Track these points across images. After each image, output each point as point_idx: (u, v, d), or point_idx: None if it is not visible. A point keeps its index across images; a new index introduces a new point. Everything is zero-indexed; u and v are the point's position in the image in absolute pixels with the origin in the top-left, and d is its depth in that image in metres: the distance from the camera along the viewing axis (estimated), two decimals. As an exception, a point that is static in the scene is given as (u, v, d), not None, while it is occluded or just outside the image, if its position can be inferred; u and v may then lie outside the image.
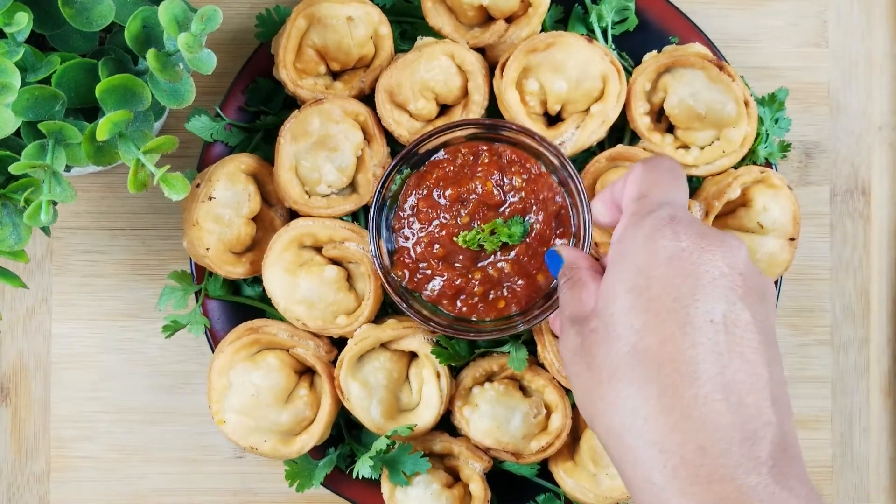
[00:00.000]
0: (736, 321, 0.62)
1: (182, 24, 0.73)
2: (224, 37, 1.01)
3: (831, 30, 1.05)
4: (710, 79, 0.95)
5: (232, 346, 0.94)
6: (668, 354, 0.61)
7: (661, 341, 0.62)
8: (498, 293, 0.91)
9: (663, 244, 0.65)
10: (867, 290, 1.04)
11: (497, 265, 0.90)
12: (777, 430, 0.61)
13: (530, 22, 0.96)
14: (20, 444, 1.02)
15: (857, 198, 1.04)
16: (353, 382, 0.93)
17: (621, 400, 0.63)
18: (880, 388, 1.04)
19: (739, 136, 0.95)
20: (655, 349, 0.62)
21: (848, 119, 1.04)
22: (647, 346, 0.62)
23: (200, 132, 0.97)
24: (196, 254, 0.94)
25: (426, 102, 0.96)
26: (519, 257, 0.90)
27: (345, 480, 0.98)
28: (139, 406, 1.02)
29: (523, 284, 0.90)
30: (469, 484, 0.95)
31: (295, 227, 0.94)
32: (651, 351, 0.62)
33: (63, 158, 0.77)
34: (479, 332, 0.90)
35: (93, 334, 1.03)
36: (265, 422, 0.93)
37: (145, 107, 0.77)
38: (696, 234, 0.65)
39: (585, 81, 0.94)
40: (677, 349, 0.61)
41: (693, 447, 0.59)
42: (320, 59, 0.96)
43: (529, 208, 0.91)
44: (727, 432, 0.59)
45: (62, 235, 1.02)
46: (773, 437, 0.60)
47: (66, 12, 0.75)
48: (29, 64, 0.77)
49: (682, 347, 0.61)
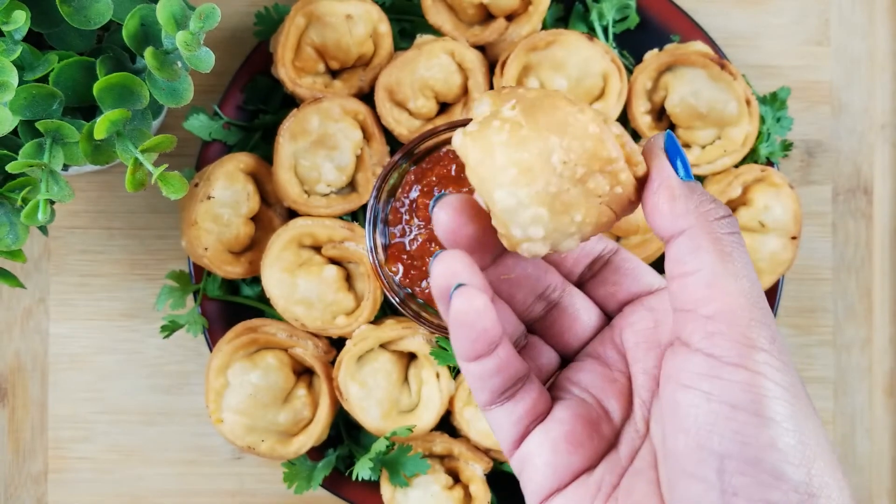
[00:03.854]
0: None
1: (180, 22, 0.73)
2: (222, 35, 1.01)
3: (833, 28, 1.04)
4: (711, 77, 0.95)
5: (230, 345, 0.93)
6: None
7: None
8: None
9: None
10: (869, 290, 1.04)
11: None
12: None
13: (531, 20, 0.96)
14: (17, 445, 1.01)
15: (860, 197, 1.03)
16: (352, 383, 0.93)
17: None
18: (882, 389, 1.03)
19: (741, 134, 0.95)
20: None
21: (850, 118, 1.04)
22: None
23: (199, 131, 0.97)
24: (194, 253, 0.94)
25: (426, 101, 0.96)
26: None
27: (344, 482, 0.97)
28: (137, 407, 1.02)
29: None
30: (469, 485, 0.94)
31: (294, 227, 0.94)
32: None
33: (60, 157, 0.76)
34: None
35: (90, 334, 1.02)
36: (263, 422, 0.93)
37: (143, 105, 0.77)
38: None
39: (586, 80, 0.94)
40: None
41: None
42: (319, 58, 0.96)
43: None
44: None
45: (60, 235, 1.02)
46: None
47: (63, 10, 0.74)
48: (26, 62, 0.76)
49: None
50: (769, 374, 0.49)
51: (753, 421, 0.49)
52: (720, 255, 0.52)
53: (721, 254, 0.51)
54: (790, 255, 0.95)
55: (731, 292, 0.51)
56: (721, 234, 0.52)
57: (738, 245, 0.52)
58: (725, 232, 0.52)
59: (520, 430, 0.58)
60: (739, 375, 0.49)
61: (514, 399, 0.58)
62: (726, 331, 0.50)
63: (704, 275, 0.52)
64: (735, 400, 0.49)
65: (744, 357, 0.50)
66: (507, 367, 0.57)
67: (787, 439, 0.49)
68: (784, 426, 0.49)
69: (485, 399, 0.58)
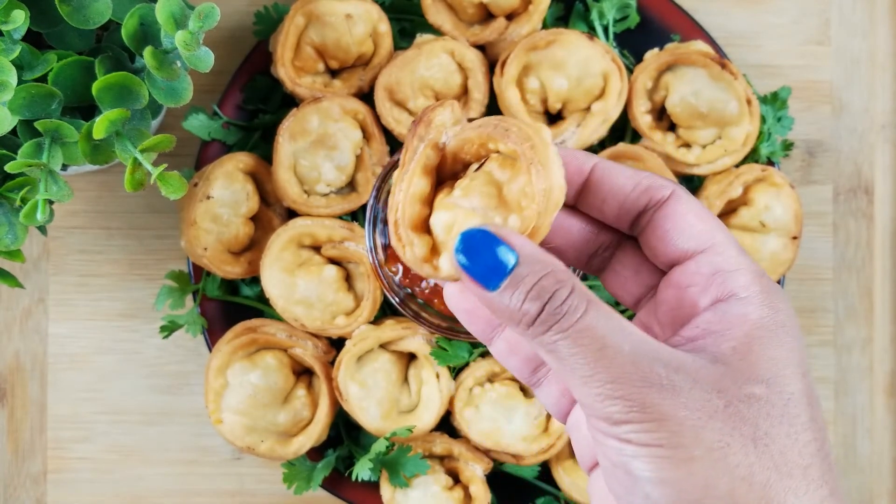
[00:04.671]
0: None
1: (179, 22, 0.73)
2: (222, 34, 1.01)
3: (834, 28, 1.04)
4: (712, 77, 0.94)
5: (230, 346, 0.93)
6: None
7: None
8: None
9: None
10: (870, 290, 1.03)
11: None
12: None
13: (531, 19, 0.95)
14: (17, 445, 1.01)
15: (860, 197, 1.03)
16: (351, 383, 0.93)
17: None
18: (883, 389, 1.03)
19: (741, 134, 0.95)
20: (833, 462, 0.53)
21: (850, 118, 1.04)
22: (828, 451, 0.53)
23: (198, 131, 0.97)
24: (194, 253, 0.94)
25: (426, 100, 0.95)
26: None
27: (344, 482, 0.97)
28: (136, 407, 1.02)
29: None
30: (469, 486, 0.94)
31: (293, 227, 0.94)
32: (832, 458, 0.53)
33: (59, 157, 0.76)
34: (471, 334, 0.90)
35: (90, 335, 1.02)
36: (263, 422, 0.93)
37: (142, 105, 0.77)
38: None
39: (586, 79, 0.94)
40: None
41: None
42: (319, 57, 0.96)
43: None
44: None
45: (59, 235, 1.02)
46: None
47: (62, 10, 0.74)
48: (25, 62, 0.76)
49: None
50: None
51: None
52: (555, 363, 0.51)
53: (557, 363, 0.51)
54: (791, 255, 0.95)
55: (582, 396, 0.51)
56: (545, 344, 0.51)
57: (566, 346, 0.50)
58: (549, 342, 0.50)
59: (562, 405, 0.60)
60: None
61: (546, 382, 0.61)
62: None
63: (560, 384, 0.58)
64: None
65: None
66: (519, 347, 0.60)
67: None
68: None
69: (519, 377, 0.62)
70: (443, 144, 0.55)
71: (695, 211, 0.56)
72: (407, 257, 0.54)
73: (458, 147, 0.55)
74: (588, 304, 0.50)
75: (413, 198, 0.54)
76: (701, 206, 0.57)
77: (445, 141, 0.55)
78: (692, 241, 0.56)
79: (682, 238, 0.56)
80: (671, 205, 0.57)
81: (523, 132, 0.53)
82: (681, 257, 0.56)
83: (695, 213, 0.56)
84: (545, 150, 0.52)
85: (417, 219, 0.54)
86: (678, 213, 0.56)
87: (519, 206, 0.52)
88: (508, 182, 0.53)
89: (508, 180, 0.53)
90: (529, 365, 0.61)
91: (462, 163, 0.56)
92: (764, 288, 0.54)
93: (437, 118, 0.55)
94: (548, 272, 0.50)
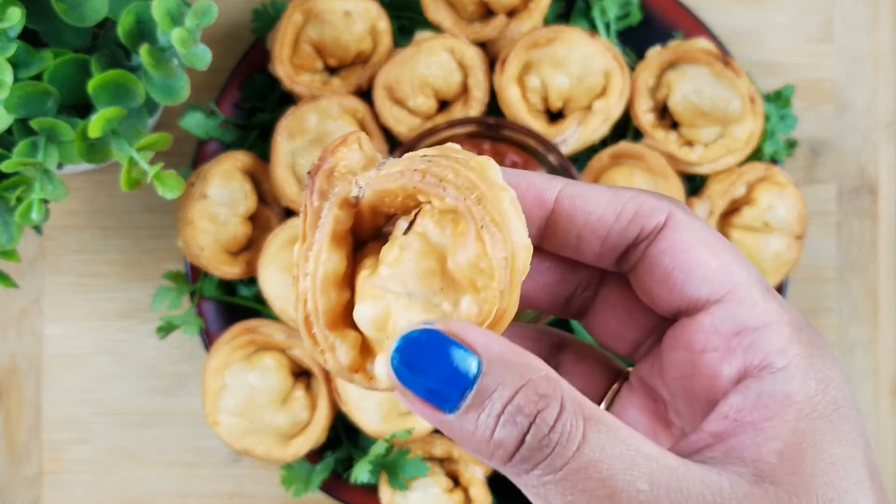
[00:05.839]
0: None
1: (176, 19, 0.73)
2: (219, 31, 1.00)
3: (837, 26, 1.04)
4: (715, 75, 0.94)
5: (228, 346, 0.93)
6: None
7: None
8: None
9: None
10: (874, 291, 1.03)
11: None
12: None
13: (532, 16, 0.95)
14: (12, 447, 1.01)
15: (864, 196, 1.03)
16: (350, 385, 0.92)
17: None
18: (888, 390, 1.03)
19: (744, 133, 0.95)
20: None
21: (854, 116, 1.03)
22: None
23: (195, 129, 0.96)
24: (191, 253, 0.93)
25: (425, 99, 0.95)
26: None
27: (342, 484, 0.97)
28: (133, 408, 1.01)
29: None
30: (470, 488, 0.94)
31: (291, 227, 0.93)
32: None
33: (55, 156, 0.76)
34: None
35: (86, 335, 1.02)
36: (260, 424, 0.92)
37: (139, 103, 0.77)
38: None
39: (588, 77, 0.94)
40: None
41: None
42: (317, 55, 0.96)
43: None
44: None
45: (54, 234, 1.01)
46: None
47: (58, 7, 0.74)
48: (21, 60, 0.76)
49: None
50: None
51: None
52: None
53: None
54: (795, 254, 0.95)
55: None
56: (530, 488, 0.40)
57: (558, 492, 0.39)
58: (535, 484, 0.40)
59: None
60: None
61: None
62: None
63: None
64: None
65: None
66: None
67: None
68: None
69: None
70: (355, 199, 0.41)
71: (702, 240, 0.43)
72: (329, 366, 0.41)
73: (375, 200, 0.41)
74: (586, 426, 0.37)
75: (325, 282, 0.41)
76: (708, 229, 0.44)
77: (358, 194, 0.41)
78: (704, 285, 0.43)
79: (691, 282, 0.43)
80: (670, 235, 0.43)
81: (464, 179, 0.39)
82: (689, 306, 0.44)
83: (703, 244, 0.43)
84: (497, 199, 0.39)
85: (335, 310, 0.41)
86: (680, 246, 0.43)
87: (473, 285, 0.39)
88: (452, 248, 0.40)
89: (452, 246, 0.40)
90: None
91: (384, 215, 0.43)
92: (806, 350, 0.42)
93: (341, 163, 0.42)
94: (525, 383, 0.37)
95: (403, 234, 0.41)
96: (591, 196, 0.44)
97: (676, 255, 0.43)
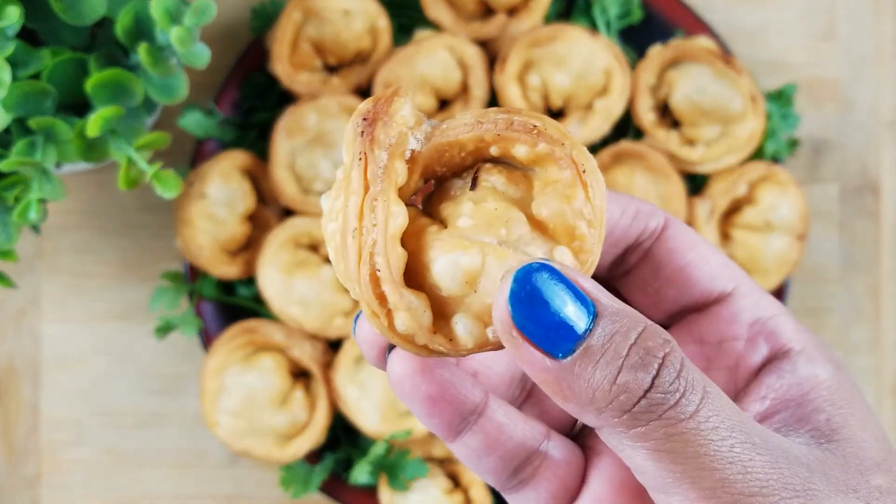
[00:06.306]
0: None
1: (175, 18, 0.73)
2: (218, 30, 1.00)
3: (839, 24, 1.04)
4: (716, 73, 0.94)
5: (226, 347, 0.93)
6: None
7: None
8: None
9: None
10: (877, 291, 1.03)
11: None
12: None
13: (532, 15, 0.95)
14: (10, 448, 1.00)
15: (867, 195, 1.03)
16: (350, 386, 0.92)
17: None
18: (891, 391, 1.03)
19: (746, 132, 0.94)
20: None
21: (856, 115, 1.03)
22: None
23: (193, 128, 0.96)
24: (189, 253, 0.93)
25: (425, 97, 0.95)
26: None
27: (342, 486, 0.97)
28: (131, 409, 1.01)
29: None
30: (469, 489, 0.94)
31: (290, 226, 0.93)
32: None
33: (53, 155, 0.77)
34: None
35: (84, 335, 1.01)
36: (259, 424, 0.92)
37: (137, 102, 0.77)
38: None
39: (588, 76, 0.94)
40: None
41: None
42: (316, 54, 0.96)
43: None
44: None
45: (52, 234, 1.01)
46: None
47: (56, 6, 0.74)
48: (19, 59, 0.76)
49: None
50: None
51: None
52: (658, 456, 0.36)
53: (656, 454, 0.36)
54: (797, 254, 0.94)
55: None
56: (641, 438, 0.36)
57: (675, 446, 0.36)
58: (651, 437, 0.36)
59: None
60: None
61: (532, 484, 0.44)
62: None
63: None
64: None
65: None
66: (501, 440, 0.43)
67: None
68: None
69: (494, 484, 0.45)
70: (412, 152, 0.38)
71: (701, 241, 0.45)
72: (403, 328, 0.37)
73: (434, 155, 0.39)
74: (705, 390, 0.36)
75: (395, 238, 0.37)
76: (696, 232, 0.45)
77: (416, 147, 0.38)
78: (716, 280, 0.44)
79: (704, 277, 0.44)
80: (674, 235, 0.44)
81: (552, 128, 0.38)
82: (700, 301, 0.45)
83: (704, 244, 0.45)
84: (585, 150, 0.38)
85: (402, 269, 0.37)
86: (687, 244, 0.44)
87: (569, 234, 0.37)
88: (540, 199, 0.38)
89: (535, 199, 0.38)
90: (510, 463, 0.43)
91: (430, 176, 0.40)
92: (811, 335, 0.44)
93: (397, 113, 0.38)
94: (647, 327, 0.36)
95: (470, 190, 0.38)
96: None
97: (686, 253, 0.44)
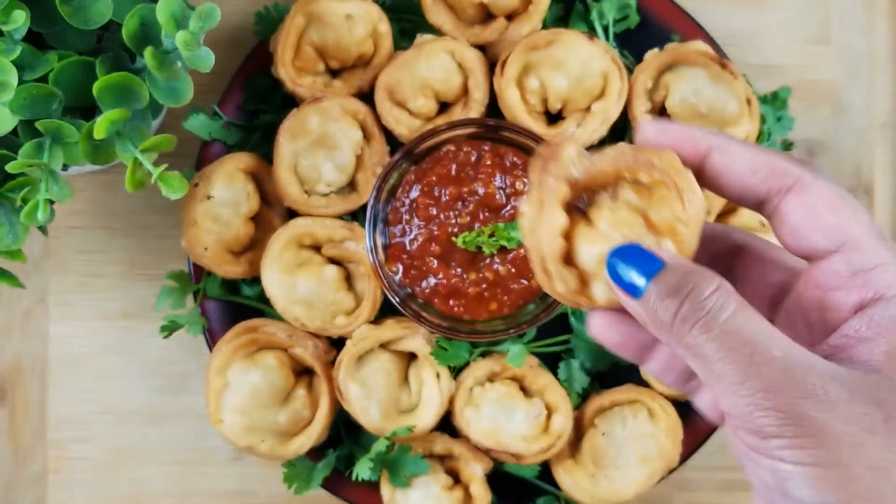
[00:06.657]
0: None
1: (180, 22, 0.73)
2: (222, 34, 1.01)
3: (833, 27, 1.04)
4: (711, 77, 0.94)
5: (230, 345, 0.93)
6: None
7: None
8: (491, 295, 0.90)
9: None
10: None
11: (493, 267, 0.90)
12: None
13: (531, 19, 0.95)
14: (17, 446, 1.01)
15: (861, 196, 1.03)
16: (351, 383, 0.93)
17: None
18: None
19: (741, 134, 0.95)
20: None
21: (850, 117, 1.04)
22: None
23: (198, 131, 0.97)
24: (194, 253, 0.94)
25: (426, 100, 0.95)
26: (515, 261, 0.89)
27: (344, 482, 0.97)
28: (137, 407, 1.02)
29: (517, 288, 0.90)
30: (470, 485, 0.94)
31: (294, 227, 0.94)
32: None
33: (60, 157, 0.76)
34: (472, 333, 0.90)
35: (90, 335, 1.02)
36: (263, 422, 0.92)
37: (143, 105, 0.77)
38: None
39: (586, 79, 0.94)
40: None
41: None
42: (319, 57, 0.96)
43: None
44: None
45: (59, 235, 1.02)
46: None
47: (63, 10, 0.74)
48: (26, 62, 0.76)
49: None
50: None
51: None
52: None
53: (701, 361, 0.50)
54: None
55: (730, 406, 0.50)
56: (691, 347, 0.50)
57: (713, 349, 0.49)
58: (694, 343, 0.50)
59: (720, 409, 0.57)
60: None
61: (703, 388, 0.59)
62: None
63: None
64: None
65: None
66: (674, 364, 0.58)
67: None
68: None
69: (675, 388, 0.60)
70: (573, 179, 0.57)
71: (825, 201, 0.53)
72: (559, 291, 0.56)
73: (589, 179, 0.57)
74: (737, 305, 0.49)
75: (555, 232, 0.56)
76: (834, 190, 0.53)
77: (575, 174, 0.57)
78: (823, 238, 0.53)
79: (813, 236, 0.53)
80: (796, 196, 0.54)
81: (664, 161, 0.55)
82: (814, 254, 0.54)
83: (825, 204, 0.53)
84: (687, 177, 0.54)
85: (562, 253, 0.57)
86: (805, 205, 0.53)
87: (673, 232, 0.55)
88: (655, 209, 0.56)
89: (653, 207, 0.56)
90: (683, 377, 0.59)
91: (582, 192, 0.59)
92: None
93: (564, 153, 0.57)
94: (691, 271, 0.51)
95: (611, 200, 0.57)
96: (734, 154, 0.55)
97: (801, 214, 0.53)
